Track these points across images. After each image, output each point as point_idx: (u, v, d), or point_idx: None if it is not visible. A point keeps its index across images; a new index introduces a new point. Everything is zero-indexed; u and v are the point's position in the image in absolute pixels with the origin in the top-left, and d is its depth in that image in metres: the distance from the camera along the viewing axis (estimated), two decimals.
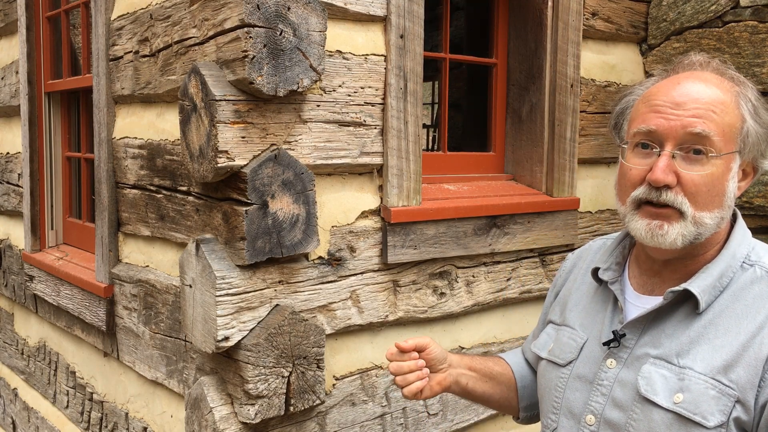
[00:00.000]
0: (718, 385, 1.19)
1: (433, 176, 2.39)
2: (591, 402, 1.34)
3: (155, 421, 2.41)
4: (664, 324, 1.29)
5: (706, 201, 1.23)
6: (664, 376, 1.24)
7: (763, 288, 1.25)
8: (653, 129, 1.24)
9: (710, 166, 1.22)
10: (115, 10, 2.43)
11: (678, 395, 1.21)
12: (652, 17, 2.83)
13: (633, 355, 1.31)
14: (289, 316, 1.85)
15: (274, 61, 1.71)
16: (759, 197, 2.50)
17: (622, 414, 1.28)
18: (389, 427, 2.20)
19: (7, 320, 3.84)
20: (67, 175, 3.22)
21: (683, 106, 1.23)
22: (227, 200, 1.82)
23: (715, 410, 1.18)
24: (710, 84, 1.26)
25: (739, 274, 1.27)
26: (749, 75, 2.51)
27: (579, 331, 1.43)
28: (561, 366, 1.42)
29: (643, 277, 1.38)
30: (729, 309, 1.25)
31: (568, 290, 1.55)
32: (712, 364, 1.21)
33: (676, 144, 1.23)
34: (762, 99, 1.31)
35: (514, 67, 2.62)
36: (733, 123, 1.24)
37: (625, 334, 1.32)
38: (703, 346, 1.23)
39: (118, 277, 2.49)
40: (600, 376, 1.34)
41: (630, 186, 1.28)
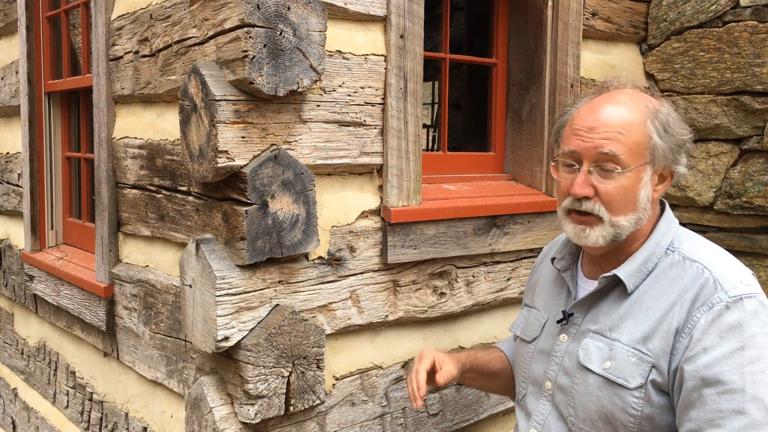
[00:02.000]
0: (637, 353, 1.43)
1: (433, 176, 2.39)
2: (548, 371, 1.61)
3: (155, 421, 2.41)
4: (602, 304, 1.55)
5: (620, 207, 1.47)
6: (598, 348, 1.49)
7: (678, 271, 1.47)
8: (573, 150, 1.50)
9: (622, 178, 1.46)
10: (115, 10, 2.43)
11: (607, 363, 1.46)
12: (652, 17, 2.83)
13: (579, 330, 1.57)
14: (289, 316, 1.85)
15: (274, 61, 1.71)
16: (759, 197, 2.50)
17: (568, 379, 1.54)
18: (389, 427, 2.20)
19: (7, 320, 3.84)
20: (67, 175, 3.22)
21: (595, 130, 1.47)
22: (227, 200, 1.82)
23: (635, 374, 1.42)
24: (622, 106, 1.49)
25: (663, 260, 1.51)
26: (749, 75, 2.51)
27: (542, 312, 1.72)
28: (528, 342, 1.71)
29: (589, 266, 1.64)
30: (651, 290, 1.48)
31: (538, 278, 1.84)
32: (634, 336, 1.45)
33: (591, 162, 1.47)
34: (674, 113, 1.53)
35: (514, 67, 2.62)
36: (639, 140, 1.47)
37: (573, 313, 1.58)
38: (629, 321, 1.47)
39: (118, 277, 2.49)
40: (555, 349, 1.61)
41: (562, 196, 1.55)
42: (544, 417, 1.60)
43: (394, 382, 2.21)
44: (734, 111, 2.57)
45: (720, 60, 2.60)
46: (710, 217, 2.67)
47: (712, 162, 2.64)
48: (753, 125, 2.54)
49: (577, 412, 1.51)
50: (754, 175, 2.52)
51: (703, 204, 2.67)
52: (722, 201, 2.60)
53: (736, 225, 2.61)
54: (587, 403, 1.48)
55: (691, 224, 2.74)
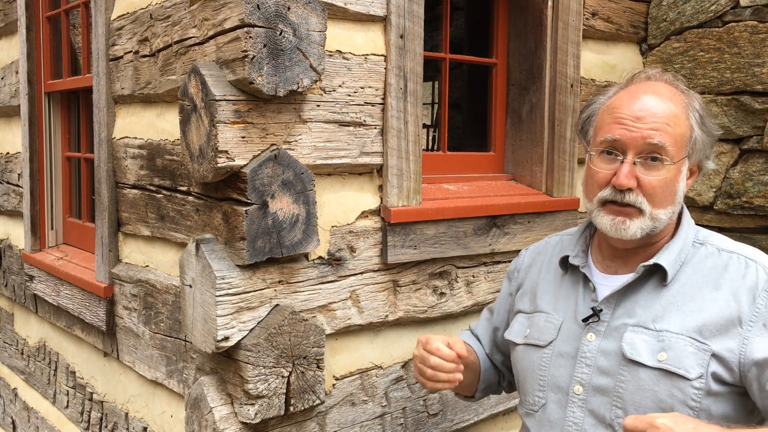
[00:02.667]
0: (694, 342, 1.39)
1: (433, 176, 2.39)
2: (577, 374, 1.50)
3: (155, 421, 2.41)
4: (636, 296, 1.49)
5: (662, 200, 1.45)
6: (644, 341, 1.42)
7: (716, 261, 1.47)
8: (617, 138, 1.45)
9: (665, 171, 1.44)
10: (115, 10, 2.43)
11: (662, 354, 1.40)
12: (652, 17, 2.83)
13: (610, 326, 1.49)
14: (289, 316, 1.85)
15: (274, 61, 1.71)
16: (759, 197, 2.50)
17: (609, 379, 1.45)
18: (389, 427, 2.20)
19: (7, 320, 3.84)
20: (67, 175, 3.22)
21: (643, 120, 1.43)
22: (227, 200, 1.82)
23: (694, 364, 1.37)
24: (665, 98, 1.46)
25: (693, 252, 1.50)
26: (749, 75, 2.51)
27: (554, 314, 1.61)
28: (542, 347, 1.58)
29: (606, 261, 1.58)
30: (691, 280, 1.46)
31: (534, 282, 1.72)
32: (685, 325, 1.40)
33: (637, 152, 1.43)
34: (706, 108, 1.56)
35: (514, 67, 2.62)
36: (683, 133, 1.46)
37: (602, 309, 1.50)
38: (674, 312, 1.43)
39: (118, 277, 2.49)
40: (582, 350, 1.50)
41: (597, 187, 1.49)
42: (578, 426, 1.48)
43: (394, 382, 2.21)
44: (734, 111, 2.57)
45: (720, 60, 2.60)
46: (710, 217, 2.67)
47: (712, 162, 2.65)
48: (753, 125, 2.54)
49: (628, 411, 1.41)
50: (754, 175, 2.52)
51: (703, 204, 2.67)
52: (722, 201, 2.60)
53: (736, 225, 2.61)
54: (641, 401, 1.40)
55: None
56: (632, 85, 1.51)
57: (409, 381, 2.25)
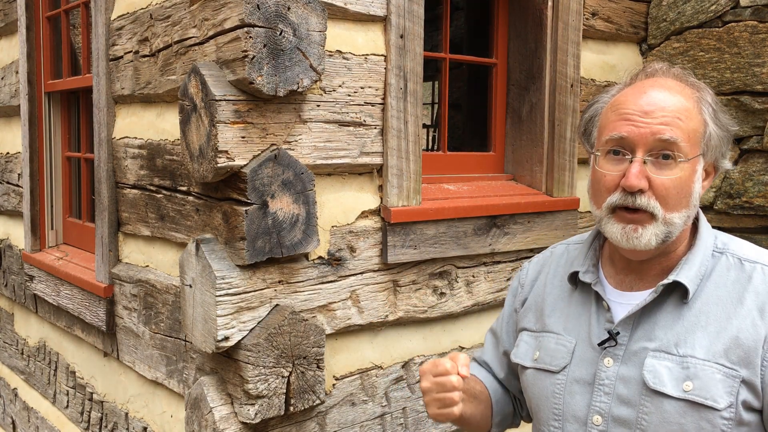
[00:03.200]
0: (722, 368, 1.25)
1: (433, 176, 2.39)
2: (595, 403, 1.36)
3: (155, 421, 2.41)
4: (656, 317, 1.34)
5: (675, 202, 1.30)
6: (667, 367, 1.29)
7: (739, 274, 1.33)
8: (625, 136, 1.30)
9: (678, 170, 1.29)
10: (115, 10, 2.43)
11: (687, 383, 1.26)
12: (652, 17, 2.83)
13: (629, 350, 1.34)
14: (289, 316, 1.85)
15: (274, 61, 1.71)
16: (759, 197, 2.50)
17: (630, 410, 1.31)
18: (389, 427, 2.20)
19: (7, 320, 3.84)
20: (67, 175, 3.22)
21: (651, 114, 1.30)
22: (227, 200, 1.82)
23: (723, 392, 1.24)
24: (674, 92, 1.33)
25: (712, 263, 1.36)
26: (749, 75, 2.51)
27: (565, 336, 1.45)
28: (555, 372, 1.43)
29: (620, 276, 1.43)
30: (714, 296, 1.32)
31: (540, 297, 1.56)
32: (711, 349, 1.27)
33: (647, 150, 1.29)
34: (719, 102, 1.39)
35: (514, 67, 2.62)
36: (696, 128, 1.32)
37: (619, 332, 1.35)
38: (699, 333, 1.29)
39: (118, 277, 2.49)
40: (600, 376, 1.36)
41: (605, 191, 1.34)
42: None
43: (394, 382, 2.21)
44: (734, 111, 2.57)
45: (720, 60, 2.60)
46: (710, 217, 2.67)
47: None
48: (753, 125, 2.54)
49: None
50: (754, 175, 2.52)
51: (703, 204, 2.67)
52: (722, 201, 2.60)
53: (736, 225, 2.61)
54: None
55: None
56: (638, 81, 1.39)
57: (409, 381, 2.25)
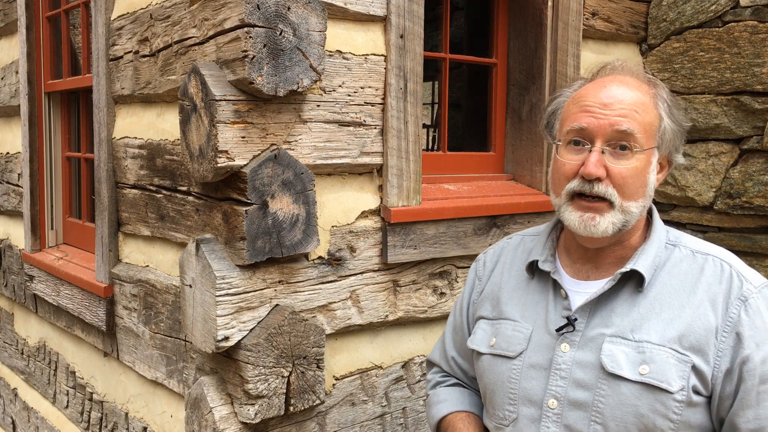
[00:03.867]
0: (675, 353, 1.33)
1: (433, 176, 2.39)
2: (551, 387, 1.41)
3: (155, 421, 2.41)
4: (612, 304, 1.41)
5: (632, 191, 1.38)
6: (624, 352, 1.36)
7: (691, 264, 1.42)
8: (584, 126, 1.39)
9: (634, 160, 1.37)
10: (115, 10, 2.43)
11: (644, 367, 1.33)
12: (652, 17, 2.83)
13: (585, 336, 1.41)
14: (289, 316, 1.85)
15: (274, 61, 1.71)
16: (759, 197, 2.50)
17: (587, 393, 1.37)
18: (389, 427, 2.20)
19: (7, 320, 3.84)
20: (67, 175, 3.22)
21: (610, 107, 1.38)
22: (227, 200, 1.82)
23: (676, 376, 1.32)
24: (632, 87, 1.42)
25: (666, 254, 1.44)
26: (749, 75, 2.51)
27: (522, 323, 1.51)
28: (512, 358, 1.49)
29: (576, 265, 1.50)
30: (668, 285, 1.40)
31: (496, 286, 1.62)
32: (665, 335, 1.35)
33: (605, 140, 1.38)
34: (675, 99, 1.48)
35: (514, 67, 2.62)
36: (652, 121, 1.41)
37: (577, 318, 1.42)
38: (653, 320, 1.37)
39: (118, 277, 2.49)
40: (556, 361, 1.42)
41: (564, 179, 1.42)
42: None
43: (394, 382, 2.21)
44: (734, 111, 2.57)
45: (720, 60, 2.60)
46: (710, 217, 2.67)
47: (712, 162, 2.64)
48: (753, 125, 2.54)
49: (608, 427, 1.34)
50: (754, 175, 2.52)
51: (703, 204, 2.67)
52: (722, 201, 2.60)
53: (736, 225, 2.61)
54: (623, 416, 1.33)
55: (691, 224, 2.74)
56: (598, 78, 1.47)
57: (409, 381, 2.25)
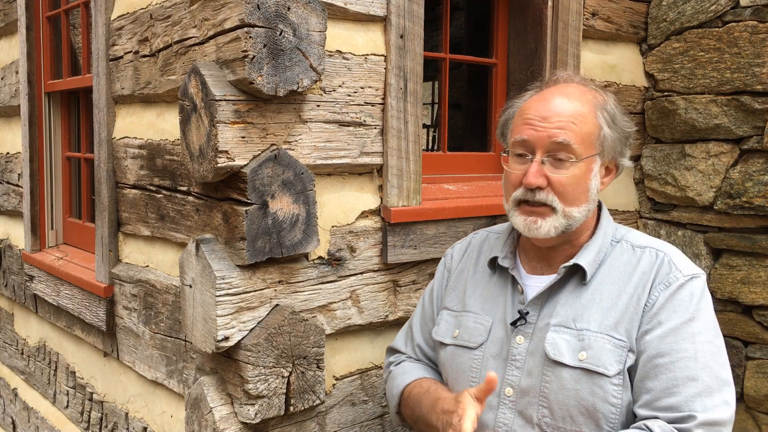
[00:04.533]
0: (611, 339, 1.42)
1: (433, 176, 2.39)
2: (507, 376, 1.51)
3: (155, 421, 2.41)
4: (558, 297, 1.51)
5: (573, 197, 1.48)
6: (566, 340, 1.45)
7: (630, 257, 1.51)
8: (526, 139, 1.49)
9: (574, 168, 1.47)
10: (115, 10, 2.43)
11: (582, 353, 1.42)
12: (652, 17, 2.83)
13: (536, 328, 1.51)
14: (289, 316, 1.85)
15: (274, 61, 1.71)
16: (759, 197, 2.50)
17: (535, 380, 1.46)
18: (389, 427, 2.20)
19: (7, 320, 3.84)
20: (67, 175, 3.22)
21: (548, 120, 1.47)
22: (227, 200, 1.82)
23: (612, 361, 1.40)
24: (572, 98, 1.50)
25: (610, 250, 1.54)
26: (749, 75, 2.51)
27: (483, 315, 1.61)
28: (473, 349, 1.59)
29: (532, 263, 1.61)
30: (608, 277, 1.49)
31: (462, 279, 1.73)
32: (603, 323, 1.43)
33: (544, 152, 1.47)
34: (620, 107, 1.57)
35: (514, 67, 2.62)
36: (590, 131, 1.49)
37: (528, 312, 1.53)
38: (593, 309, 1.46)
39: (118, 277, 2.49)
40: (512, 353, 1.52)
41: (511, 187, 1.53)
42: (508, 427, 1.49)
43: None
44: (734, 111, 2.57)
45: (720, 60, 2.60)
46: (710, 217, 2.67)
47: (712, 162, 2.64)
48: (753, 125, 2.54)
49: (553, 411, 1.43)
50: (754, 175, 2.52)
51: (703, 204, 2.67)
52: (722, 201, 2.60)
53: (736, 225, 2.61)
54: (565, 399, 1.42)
55: (691, 224, 2.73)
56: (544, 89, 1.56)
57: None
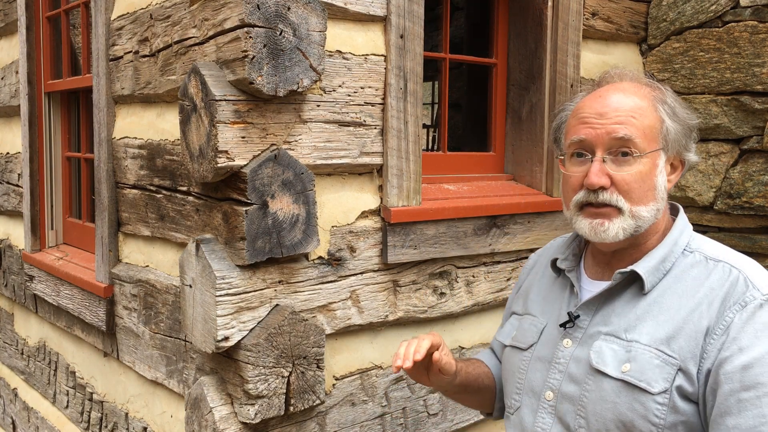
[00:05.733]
0: (661, 354, 1.31)
1: (433, 176, 2.39)
2: (549, 379, 1.46)
3: (155, 421, 2.41)
4: (614, 304, 1.42)
5: (640, 196, 1.38)
6: (613, 350, 1.37)
7: (701, 270, 1.38)
8: (583, 138, 1.41)
9: (637, 164, 1.38)
10: (115, 10, 2.43)
11: (626, 365, 1.33)
12: (652, 17, 2.83)
13: (587, 334, 1.43)
14: (289, 316, 1.85)
15: (274, 61, 1.71)
16: (759, 197, 2.50)
17: (576, 387, 1.40)
18: (389, 427, 2.20)
19: (7, 320, 3.84)
20: (67, 175, 3.22)
21: (606, 116, 1.40)
22: (227, 200, 1.82)
23: (659, 378, 1.30)
24: (628, 93, 1.43)
25: (681, 260, 1.42)
26: (749, 75, 2.51)
27: (539, 318, 1.57)
28: (523, 350, 1.55)
29: (596, 267, 1.52)
30: (671, 289, 1.38)
31: (530, 284, 1.69)
32: (656, 336, 1.33)
33: (605, 149, 1.39)
34: (679, 99, 1.48)
35: (514, 67, 2.62)
36: (652, 124, 1.41)
37: (579, 315, 1.45)
38: (648, 322, 1.36)
39: (118, 277, 2.49)
40: (557, 355, 1.46)
41: (571, 191, 1.44)
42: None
43: (394, 382, 2.21)
44: (734, 111, 2.57)
45: (720, 60, 2.60)
46: (710, 217, 2.67)
47: (712, 162, 2.64)
48: (753, 125, 2.54)
49: (590, 422, 1.36)
50: (754, 175, 2.52)
51: (703, 204, 2.67)
52: (722, 201, 2.60)
53: (736, 225, 2.61)
54: (602, 412, 1.34)
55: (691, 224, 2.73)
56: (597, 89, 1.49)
57: (409, 381, 2.25)
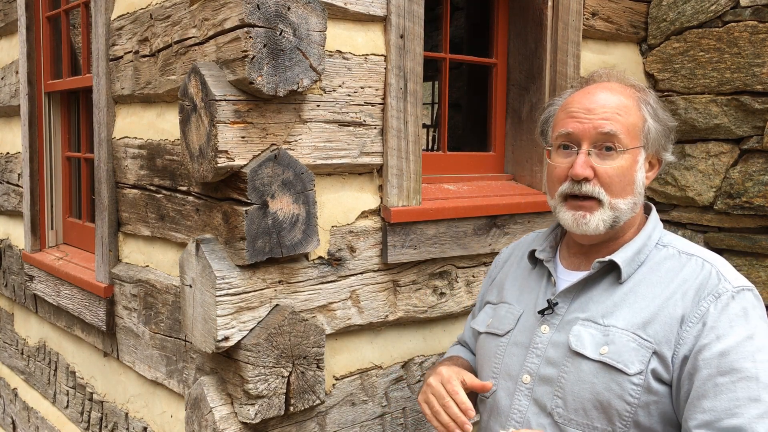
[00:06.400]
0: (637, 338, 1.40)
1: (433, 176, 2.39)
2: (527, 363, 1.53)
3: (155, 421, 2.41)
4: (591, 292, 1.51)
5: (619, 189, 1.48)
6: (591, 334, 1.45)
7: (675, 263, 1.49)
8: (571, 131, 1.50)
9: (620, 159, 1.47)
10: (115, 10, 2.43)
11: (604, 348, 1.42)
12: (652, 17, 2.83)
13: (564, 320, 1.52)
14: (289, 316, 1.85)
15: (274, 61, 1.71)
16: (759, 197, 2.50)
17: (554, 369, 1.48)
18: (389, 427, 2.20)
19: (7, 320, 3.84)
20: (67, 175, 3.22)
21: (593, 111, 1.49)
22: (227, 200, 1.82)
23: (635, 360, 1.39)
24: (615, 92, 1.52)
25: (654, 253, 1.52)
26: (749, 75, 2.51)
27: (515, 305, 1.65)
28: (500, 336, 1.63)
29: (572, 258, 1.62)
30: (646, 279, 1.48)
31: (505, 274, 1.77)
32: (632, 322, 1.43)
33: (591, 143, 1.48)
34: (660, 102, 1.58)
35: (514, 67, 2.62)
36: (636, 123, 1.50)
37: (558, 303, 1.54)
38: (625, 309, 1.45)
39: (118, 277, 2.49)
40: (535, 341, 1.54)
41: (556, 182, 1.53)
42: (522, 414, 1.51)
43: (394, 382, 2.21)
44: (734, 111, 2.57)
45: (720, 60, 2.60)
46: (710, 217, 2.67)
47: (712, 162, 2.64)
48: (753, 125, 2.54)
49: (567, 402, 1.44)
50: (754, 175, 2.52)
51: (703, 204, 2.67)
52: (722, 201, 2.60)
53: (736, 225, 2.61)
54: (580, 392, 1.43)
55: (691, 224, 2.74)
56: (585, 86, 1.58)
57: (409, 381, 2.25)
